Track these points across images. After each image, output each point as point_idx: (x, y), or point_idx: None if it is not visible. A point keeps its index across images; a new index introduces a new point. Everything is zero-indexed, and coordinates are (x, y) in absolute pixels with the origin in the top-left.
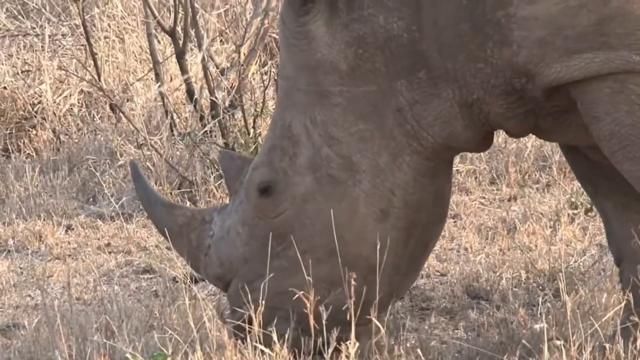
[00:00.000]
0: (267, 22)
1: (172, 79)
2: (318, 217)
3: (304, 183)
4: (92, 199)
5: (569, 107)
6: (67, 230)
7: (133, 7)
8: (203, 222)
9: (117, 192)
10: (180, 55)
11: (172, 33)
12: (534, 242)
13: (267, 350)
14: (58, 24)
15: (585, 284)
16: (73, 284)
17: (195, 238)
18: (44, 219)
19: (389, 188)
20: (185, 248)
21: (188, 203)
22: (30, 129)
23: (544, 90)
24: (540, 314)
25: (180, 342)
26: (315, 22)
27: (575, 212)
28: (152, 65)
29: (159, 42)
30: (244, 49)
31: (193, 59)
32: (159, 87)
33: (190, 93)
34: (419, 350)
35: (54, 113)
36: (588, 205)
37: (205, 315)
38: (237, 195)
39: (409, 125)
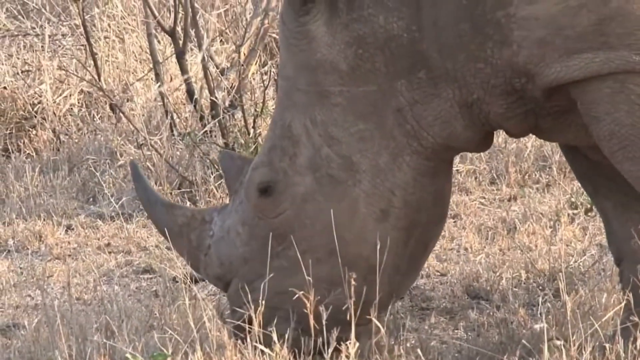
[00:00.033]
0: (267, 22)
1: (172, 79)
2: (318, 217)
3: (304, 183)
4: (92, 199)
5: (569, 107)
6: (67, 230)
7: (133, 7)
8: (203, 222)
9: (117, 192)
10: (180, 55)
11: (172, 33)
12: (534, 242)
13: (267, 350)
14: (58, 24)
15: (585, 284)
16: (73, 284)
17: (195, 238)
18: (44, 219)
19: (389, 188)
20: (185, 248)
21: (188, 203)
22: (30, 129)
23: (544, 90)
24: (540, 314)
25: (180, 342)
26: (315, 22)
27: (575, 212)
28: (152, 65)
29: (159, 42)
30: (244, 49)
31: (193, 59)
32: (159, 87)
33: (190, 93)
34: (419, 350)
35: (54, 113)
36: (588, 205)
37: (205, 315)
38: (237, 195)
39: (409, 125)
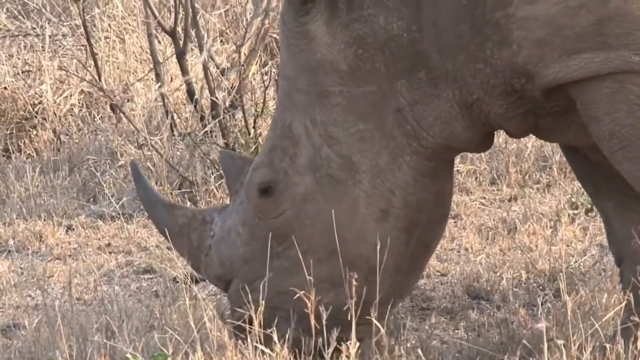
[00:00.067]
0: (267, 22)
1: (172, 79)
2: (318, 217)
3: (304, 183)
4: (92, 199)
5: (569, 107)
6: (67, 231)
7: (133, 7)
8: (204, 222)
9: (117, 192)
10: (181, 56)
11: (172, 33)
12: (535, 242)
13: (267, 351)
14: (58, 24)
15: (586, 284)
16: (73, 284)
17: (196, 238)
18: (45, 219)
19: (389, 188)
20: (186, 248)
21: (188, 203)
22: (31, 129)
23: (544, 91)
24: (541, 314)
25: (181, 342)
26: (315, 22)
27: (576, 212)
28: (152, 66)
29: (160, 42)
30: (245, 49)
31: (193, 59)
32: (160, 88)
33: (191, 93)
34: (420, 351)
35: (55, 113)
36: (588, 206)
37: (206, 316)
38: (237, 196)
39: (409, 126)
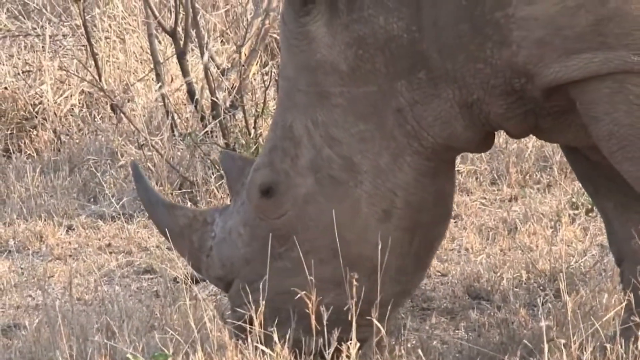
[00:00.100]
0: (268, 22)
1: (173, 80)
2: (320, 218)
3: (306, 184)
4: (93, 200)
5: (569, 107)
6: (68, 231)
7: (134, 7)
8: (205, 223)
9: (118, 192)
10: (181, 56)
11: (173, 33)
12: (535, 242)
13: (267, 351)
14: (59, 25)
15: (586, 285)
16: (74, 285)
17: (197, 239)
18: (45, 220)
19: (390, 188)
20: (187, 249)
21: (189, 203)
22: (31, 130)
23: (543, 91)
24: (541, 315)
25: (181, 342)
26: (316, 22)
27: (576, 212)
28: (152, 66)
29: (160, 42)
30: (245, 50)
31: (194, 60)
32: (160, 88)
33: (191, 93)
34: (420, 351)
35: (55, 113)
36: (589, 206)
37: (206, 316)
38: (238, 196)
39: (410, 126)
